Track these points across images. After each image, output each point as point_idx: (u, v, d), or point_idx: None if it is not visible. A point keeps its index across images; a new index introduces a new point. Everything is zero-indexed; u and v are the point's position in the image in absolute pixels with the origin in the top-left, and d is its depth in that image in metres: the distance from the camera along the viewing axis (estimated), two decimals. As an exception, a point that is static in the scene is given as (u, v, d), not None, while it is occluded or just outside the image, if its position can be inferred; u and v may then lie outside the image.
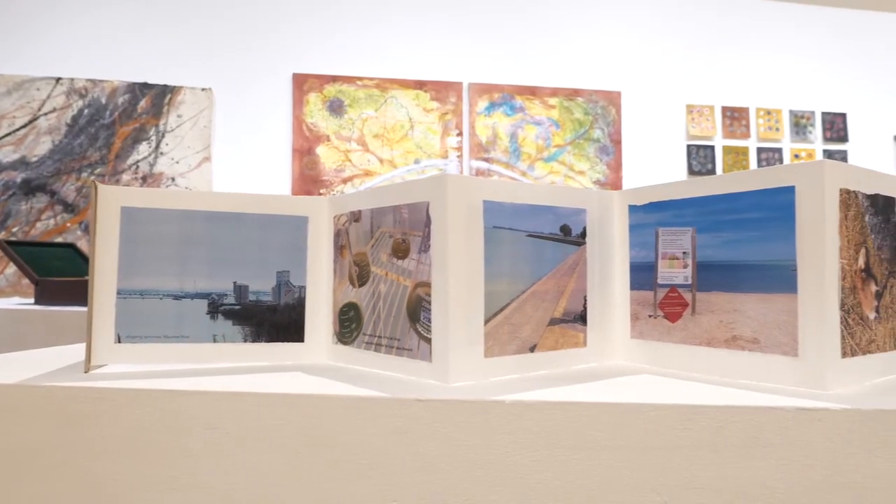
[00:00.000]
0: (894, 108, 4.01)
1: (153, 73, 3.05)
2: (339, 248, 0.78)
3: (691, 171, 3.59)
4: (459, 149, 3.30)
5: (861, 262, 0.64)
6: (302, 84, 3.13)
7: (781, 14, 3.90)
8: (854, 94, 3.97)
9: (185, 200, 0.76)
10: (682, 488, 0.54)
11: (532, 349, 0.69)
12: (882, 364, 0.66)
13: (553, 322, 0.71)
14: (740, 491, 0.53)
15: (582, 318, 0.74)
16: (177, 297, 0.75)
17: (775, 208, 0.63)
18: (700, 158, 3.71)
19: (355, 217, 0.75)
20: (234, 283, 0.77)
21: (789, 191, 0.62)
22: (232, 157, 3.07)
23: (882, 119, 3.99)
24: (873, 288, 0.66)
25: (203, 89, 3.05)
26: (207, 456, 0.58)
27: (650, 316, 0.74)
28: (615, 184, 3.49)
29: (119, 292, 0.73)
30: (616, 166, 3.53)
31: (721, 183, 0.68)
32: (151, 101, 3.01)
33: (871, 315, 0.65)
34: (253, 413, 0.58)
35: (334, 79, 3.16)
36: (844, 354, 0.60)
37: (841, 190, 0.61)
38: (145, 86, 3.02)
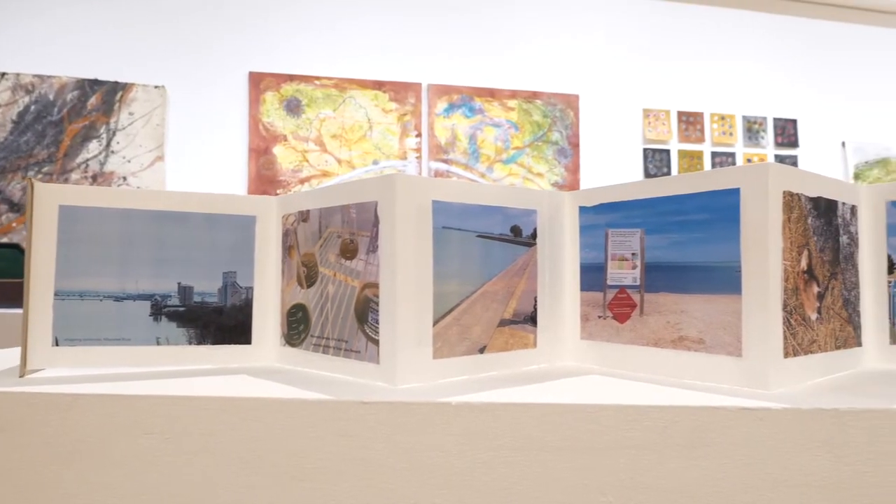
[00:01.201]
0: (842, 114, 4.12)
1: (104, 69, 2.97)
2: (288, 248, 0.77)
3: (648, 175, 3.64)
4: (418, 150, 3.29)
5: (804, 264, 0.65)
6: (258, 83, 3.08)
7: (736, 23, 3.98)
8: (804, 101, 4.07)
9: (127, 199, 0.73)
10: (626, 488, 0.54)
11: (481, 350, 0.69)
12: (823, 364, 0.67)
13: (503, 323, 0.71)
14: (684, 490, 0.53)
15: (532, 320, 0.74)
16: (118, 299, 0.73)
17: (721, 210, 0.63)
18: (656, 162, 3.76)
19: (304, 217, 0.74)
20: (179, 284, 0.75)
21: (734, 193, 0.62)
22: (186, 156, 3.01)
23: (830, 125, 4.10)
24: (815, 289, 0.67)
25: (156, 87, 2.99)
26: (147, 463, 0.57)
27: (600, 317, 0.74)
28: (573, 186, 3.52)
29: (57, 293, 0.71)
30: (574, 168, 3.56)
31: (668, 185, 0.68)
32: (102, 98, 2.93)
33: (813, 316, 0.66)
34: (193, 418, 0.57)
35: (291, 78, 3.12)
36: (787, 354, 0.61)
37: (784, 192, 0.62)
38: (95, 82, 2.95)
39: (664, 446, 0.54)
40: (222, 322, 0.76)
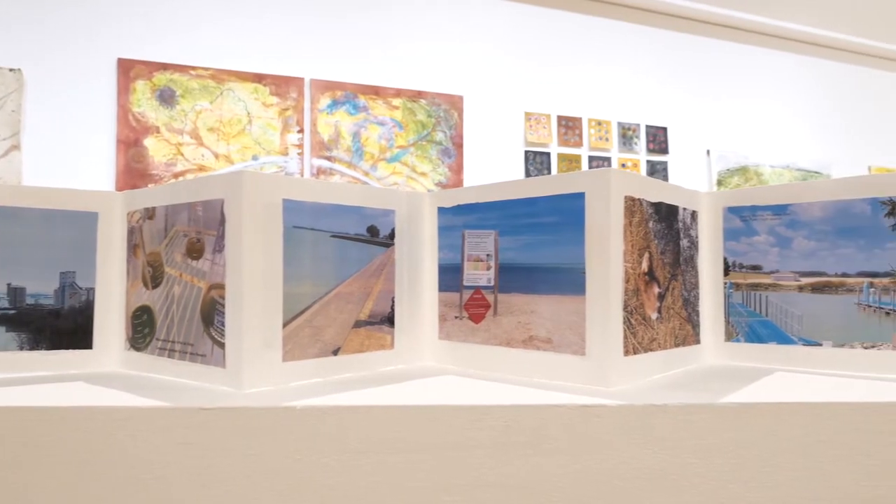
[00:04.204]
0: (707, 124, 4.39)
1: (-50, 48, 2.72)
2: (133, 247, 0.73)
3: (529, 177, 3.73)
4: (300, 146, 3.22)
5: (644, 266, 0.68)
6: (128, 70, 2.91)
7: (613, 33, 4.16)
8: (674, 110, 4.30)
9: (-54, 191, 0.67)
10: (471, 487, 0.54)
11: (335, 352, 0.68)
12: (663, 361, 0.71)
13: (358, 324, 0.70)
14: (526, 487, 0.55)
15: (389, 320, 0.73)
16: (-65, 301, 0.66)
17: (568, 213, 0.65)
18: (537, 164, 3.87)
19: (149, 214, 0.70)
20: (9, 285, 0.70)
21: (580, 197, 0.65)
22: (46, 146, 2.80)
23: (697, 134, 4.36)
24: (656, 290, 0.70)
25: (11, 70, 2.76)
26: (-45, 480, 0.52)
27: (456, 317, 0.75)
28: (457, 186, 3.56)
29: None
30: (458, 169, 3.60)
31: (521, 187, 0.70)
32: (-52, 79, 2.68)
33: (654, 315, 0.70)
34: (20, 429, 0.53)
35: (165, 66, 2.97)
36: (627, 352, 0.64)
37: (626, 197, 0.65)
38: (-59, 62, 2.69)
39: (507, 445, 0.55)
40: (59, 325, 0.71)
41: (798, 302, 0.75)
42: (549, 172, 3.84)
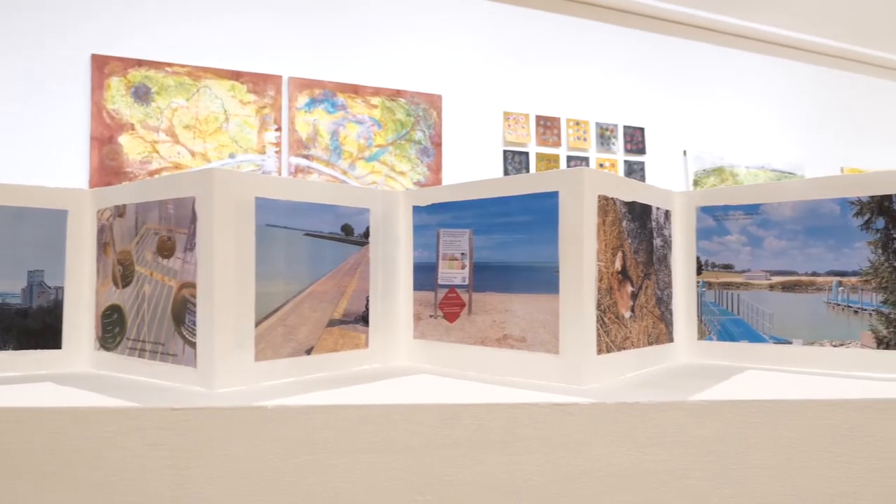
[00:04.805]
0: (684, 125, 4.43)
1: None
2: (103, 245, 0.72)
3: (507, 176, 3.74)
4: (278, 144, 3.20)
5: (618, 265, 0.69)
6: (102, 67, 2.88)
7: (591, 33, 4.18)
8: (651, 111, 4.34)
9: None
10: (444, 486, 0.54)
11: (309, 352, 0.67)
12: (637, 359, 0.71)
13: (332, 323, 0.70)
14: (499, 485, 0.55)
15: (364, 319, 0.73)
16: None
17: (541, 212, 0.66)
18: (515, 164, 3.88)
19: (119, 212, 0.69)
20: (-25, 283, 0.68)
21: (553, 196, 0.65)
22: (16, 143, 2.76)
23: (674, 134, 4.40)
24: (629, 289, 0.71)
25: (-17, 65, 2.72)
26: (-83, 483, 0.51)
27: (431, 316, 0.75)
28: (435, 185, 3.55)
29: None
30: (436, 168, 3.60)
31: (495, 186, 0.70)
32: (-84, 74, 2.63)
33: (627, 314, 0.70)
34: (-22, 431, 0.52)
35: (140, 63, 2.94)
36: (600, 351, 0.64)
37: (599, 196, 0.65)
38: None
39: (480, 443, 0.55)
40: (27, 325, 0.70)
41: (769, 300, 0.76)
42: (528, 172, 3.85)
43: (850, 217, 0.71)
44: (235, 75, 3.12)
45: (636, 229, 0.72)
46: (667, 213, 0.79)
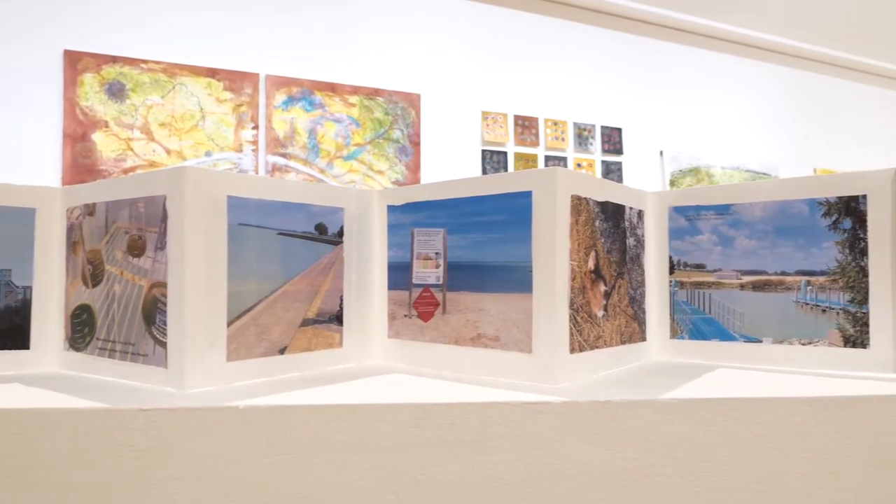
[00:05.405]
0: (661, 126, 4.47)
1: None
2: (73, 244, 0.71)
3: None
4: (255, 142, 3.18)
5: (591, 264, 0.69)
6: (75, 63, 2.83)
7: (569, 34, 4.20)
8: (629, 112, 4.37)
9: None
10: (416, 485, 0.54)
11: (282, 351, 0.67)
12: (610, 358, 0.72)
13: (306, 323, 0.69)
14: (471, 484, 0.55)
15: (338, 319, 0.73)
16: None
17: (515, 212, 0.66)
18: (494, 163, 3.89)
19: (89, 210, 0.68)
20: (-60, 282, 0.67)
21: (527, 195, 0.65)
22: (-11, 139, 2.71)
23: (650, 135, 4.44)
24: (602, 288, 0.71)
25: (-48, 60, 2.66)
26: None
27: (405, 316, 0.75)
28: (413, 184, 3.55)
29: None
30: (415, 167, 3.59)
31: (469, 186, 0.70)
32: None
33: (600, 313, 0.70)
34: (-59, 433, 0.51)
35: (114, 59, 2.90)
36: (573, 350, 0.65)
37: (572, 196, 0.66)
38: None
39: (453, 442, 0.55)
40: (-6, 325, 0.69)
41: (739, 300, 0.77)
42: (506, 171, 3.86)
43: (818, 217, 0.72)
44: (212, 73, 3.09)
45: (609, 229, 0.73)
46: (640, 213, 0.80)
